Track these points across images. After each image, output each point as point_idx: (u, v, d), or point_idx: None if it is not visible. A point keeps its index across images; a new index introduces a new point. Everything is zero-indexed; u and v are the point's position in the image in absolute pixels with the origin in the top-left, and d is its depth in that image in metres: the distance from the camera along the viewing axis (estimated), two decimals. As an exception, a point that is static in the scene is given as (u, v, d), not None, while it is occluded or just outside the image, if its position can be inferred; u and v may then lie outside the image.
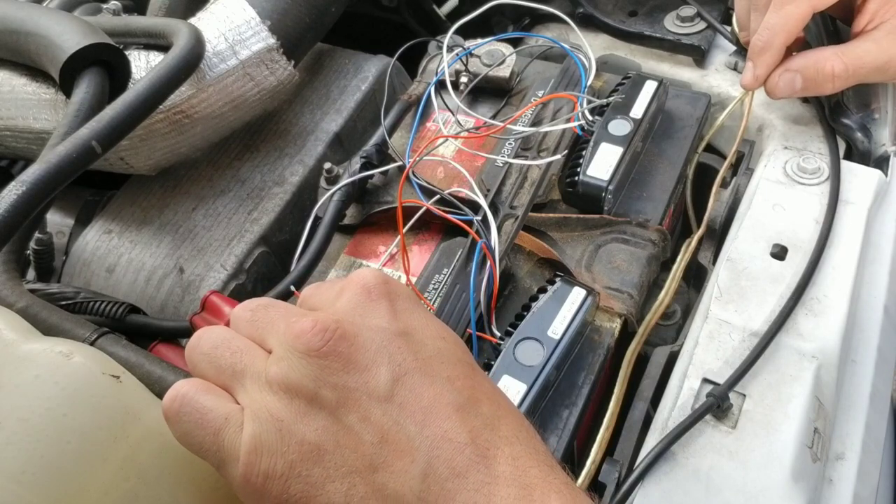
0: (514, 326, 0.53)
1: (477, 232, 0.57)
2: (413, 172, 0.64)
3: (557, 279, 0.55)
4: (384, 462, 0.35)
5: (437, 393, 0.36)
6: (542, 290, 0.55)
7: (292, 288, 0.57)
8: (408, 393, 0.36)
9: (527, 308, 0.54)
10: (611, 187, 0.61)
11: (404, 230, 0.62)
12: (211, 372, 0.39)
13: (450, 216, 0.59)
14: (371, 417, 0.36)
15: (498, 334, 0.54)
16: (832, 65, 0.62)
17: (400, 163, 0.66)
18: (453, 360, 0.38)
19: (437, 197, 0.61)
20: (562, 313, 0.53)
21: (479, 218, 0.58)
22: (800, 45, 0.66)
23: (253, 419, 0.36)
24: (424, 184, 0.63)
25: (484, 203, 0.58)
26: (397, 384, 0.36)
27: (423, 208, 0.61)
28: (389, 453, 0.35)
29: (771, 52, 0.63)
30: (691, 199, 0.72)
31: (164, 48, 0.62)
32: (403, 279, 0.62)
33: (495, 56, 0.72)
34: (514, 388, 0.50)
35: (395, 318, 0.38)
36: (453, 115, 0.69)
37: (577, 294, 0.54)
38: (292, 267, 0.60)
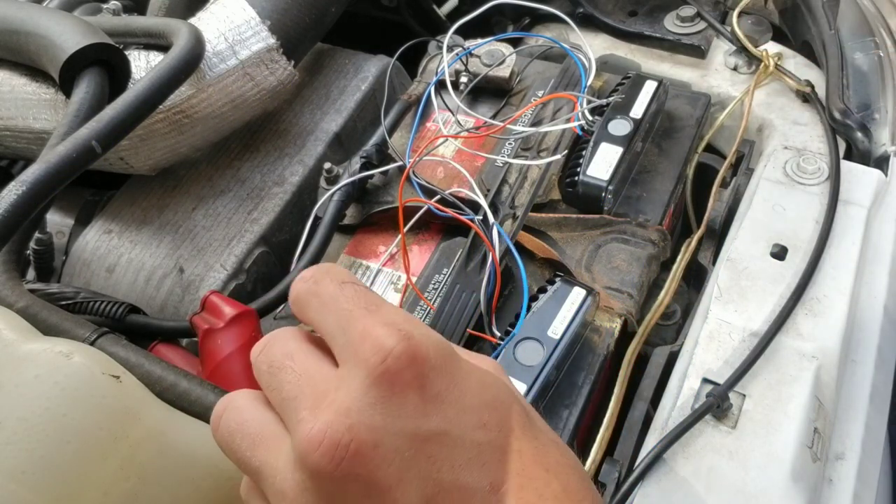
0: (514, 326, 0.53)
1: (483, 220, 0.57)
2: (413, 172, 0.64)
3: (557, 279, 0.55)
4: None
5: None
6: (542, 290, 0.55)
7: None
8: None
9: (527, 308, 0.54)
10: (611, 187, 0.61)
11: (405, 230, 0.62)
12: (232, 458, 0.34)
13: (453, 213, 0.59)
14: None
15: (498, 334, 0.54)
16: None
17: (400, 163, 0.66)
18: (497, 455, 0.31)
19: (438, 197, 0.61)
20: (562, 313, 0.53)
21: (480, 218, 0.58)
22: None
23: None
24: (425, 183, 0.63)
25: (484, 203, 0.58)
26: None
27: (424, 207, 0.61)
28: None
29: None
30: (691, 199, 0.72)
31: (164, 48, 0.62)
32: (403, 279, 0.62)
33: (495, 56, 0.72)
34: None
35: (426, 416, 0.30)
36: (453, 115, 0.69)
37: (577, 294, 0.54)
38: (292, 267, 0.60)
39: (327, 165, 0.67)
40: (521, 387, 0.50)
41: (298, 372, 0.32)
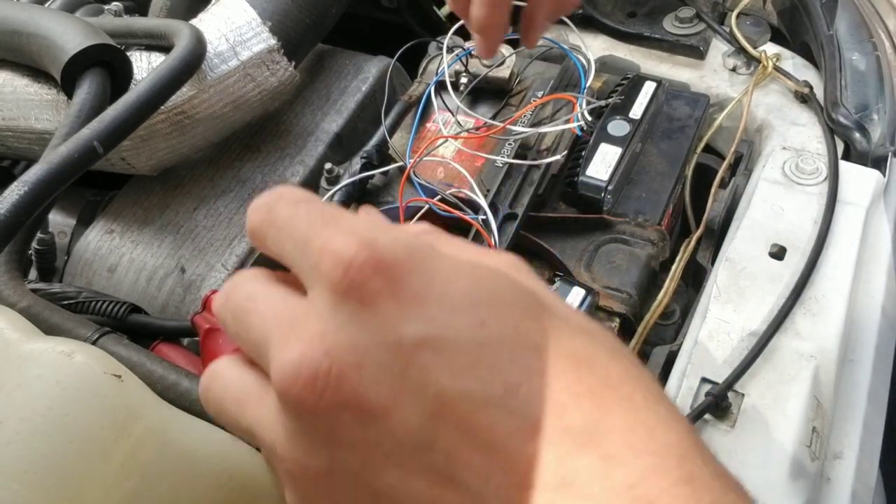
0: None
1: (483, 222, 0.57)
2: (414, 172, 0.64)
3: (557, 279, 0.55)
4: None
5: (490, 422, 0.25)
6: None
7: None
8: (450, 431, 0.25)
9: None
10: (610, 187, 0.61)
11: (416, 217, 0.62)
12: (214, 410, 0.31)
13: (455, 212, 0.59)
14: (413, 475, 0.26)
15: None
16: None
17: (401, 163, 0.66)
18: (506, 353, 0.26)
19: (438, 197, 0.62)
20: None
21: (482, 218, 0.58)
22: None
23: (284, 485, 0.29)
24: (425, 183, 0.63)
25: (484, 203, 0.59)
26: (434, 421, 0.25)
27: (426, 206, 0.61)
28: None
29: (496, 29, 0.59)
30: (690, 200, 0.72)
31: (165, 49, 0.62)
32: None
33: (495, 57, 0.72)
34: None
35: (407, 322, 0.26)
36: (453, 115, 0.70)
37: (577, 294, 0.54)
38: None
39: (328, 166, 0.67)
40: None
41: (263, 311, 0.28)
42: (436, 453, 0.25)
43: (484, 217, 0.58)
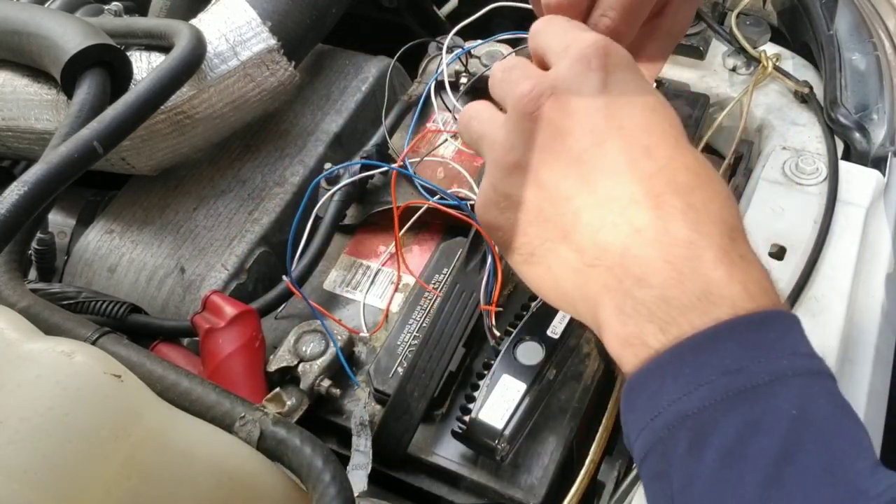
0: (514, 326, 0.53)
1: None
2: (414, 172, 0.64)
3: None
4: (574, 221, 0.38)
5: (632, 160, 0.37)
6: None
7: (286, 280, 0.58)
8: (603, 157, 0.38)
9: (525, 308, 0.54)
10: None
11: (404, 230, 0.62)
12: (465, 135, 0.45)
13: (454, 213, 0.59)
14: (569, 176, 0.38)
15: (498, 334, 0.54)
16: None
17: (398, 164, 0.66)
18: (657, 132, 0.39)
19: (438, 197, 0.62)
20: (560, 313, 0.53)
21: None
22: None
23: (484, 177, 0.42)
24: (426, 184, 0.63)
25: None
26: (598, 149, 0.38)
27: (424, 206, 0.61)
28: (580, 209, 0.38)
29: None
30: (690, 200, 0.72)
31: (165, 49, 0.62)
32: (404, 278, 0.62)
33: (495, 56, 0.72)
34: (513, 388, 0.50)
35: (606, 91, 0.39)
36: (453, 115, 0.70)
37: None
38: (292, 267, 0.60)
39: (328, 165, 0.67)
40: (521, 386, 0.50)
41: (521, 69, 0.42)
42: (585, 167, 0.38)
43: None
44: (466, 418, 0.49)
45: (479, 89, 0.72)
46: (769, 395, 0.33)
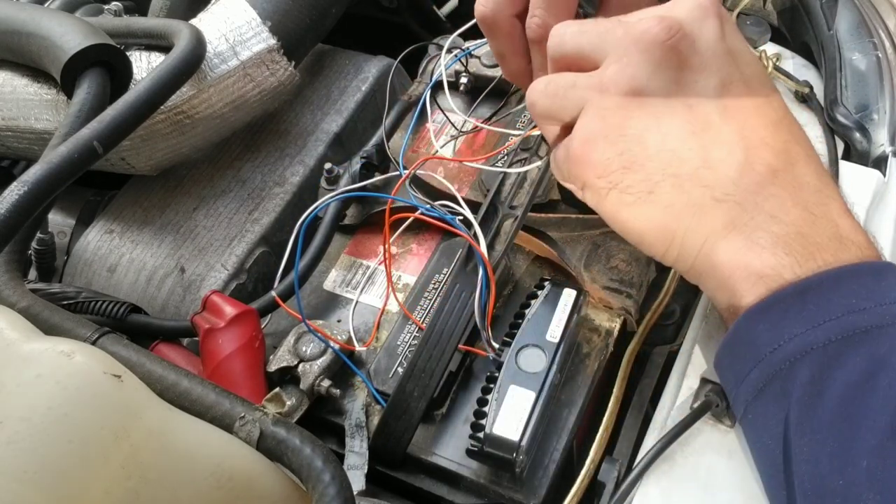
0: (511, 336, 0.52)
1: (474, 236, 0.56)
2: (409, 183, 0.63)
3: (546, 283, 0.55)
4: (703, 156, 0.38)
5: (758, 105, 0.39)
6: (533, 296, 0.54)
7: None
8: (733, 100, 0.39)
9: (520, 316, 0.53)
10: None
11: (397, 233, 0.62)
12: (547, 103, 0.44)
13: (441, 222, 0.58)
14: (695, 110, 0.39)
15: (496, 346, 0.53)
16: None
17: (398, 171, 0.65)
18: (770, 85, 0.41)
19: (428, 207, 0.60)
20: (557, 316, 0.53)
21: (479, 220, 0.58)
22: None
23: (584, 116, 0.41)
24: (420, 196, 0.63)
25: (469, 214, 0.57)
26: (724, 90, 0.39)
27: (411, 218, 0.61)
28: (708, 144, 0.38)
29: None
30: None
31: (165, 49, 0.62)
32: (404, 278, 0.62)
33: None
34: (523, 398, 0.49)
35: (725, 37, 0.40)
36: (454, 115, 0.70)
37: (569, 295, 0.54)
38: (278, 280, 0.59)
39: (328, 166, 0.67)
40: (530, 395, 0.49)
41: (613, 21, 0.42)
42: (716, 104, 0.39)
43: (480, 218, 0.58)
44: (480, 434, 0.48)
45: (479, 89, 0.72)
46: (894, 335, 0.34)
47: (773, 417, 0.36)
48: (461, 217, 0.58)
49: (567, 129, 0.44)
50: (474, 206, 0.60)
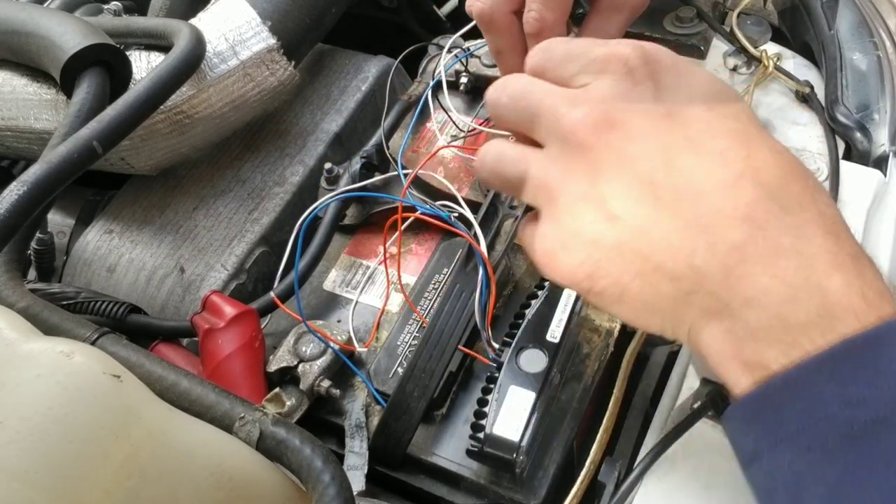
0: (511, 336, 0.52)
1: (474, 236, 0.56)
2: (411, 186, 0.63)
3: (546, 283, 0.55)
4: (664, 247, 0.35)
5: (707, 171, 0.35)
6: (533, 297, 0.54)
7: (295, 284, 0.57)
8: (678, 176, 0.35)
9: (520, 316, 0.53)
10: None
11: (394, 237, 0.62)
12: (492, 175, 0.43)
13: (443, 222, 0.58)
14: (643, 203, 0.36)
15: (497, 346, 0.53)
16: None
17: (396, 172, 0.65)
18: (724, 132, 0.36)
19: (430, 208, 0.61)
20: (557, 316, 0.53)
21: (479, 220, 0.58)
22: None
23: (541, 222, 0.40)
24: (423, 197, 0.63)
25: (470, 215, 0.57)
26: (668, 168, 0.36)
27: (412, 218, 0.60)
28: (669, 234, 0.35)
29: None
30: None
31: (164, 49, 0.62)
32: (404, 278, 0.62)
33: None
34: (523, 398, 0.49)
35: (660, 100, 0.37)
36: (453, 115, 0.69)
37: (569, 295, 0.54)
38: (278, 281, 0.59)
39: (328, 165, 0.67)
40: (530, 395, 0.49)
41: (543, 90, 0.40)
42: (662, 189, 0.36)
43: (481, 217, 0.58)
44: (480, 435, 0.48)
45: (479, 89, 0.72)
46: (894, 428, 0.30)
47: None
48: (458, 215, 0.58)
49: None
50: (474, 206, 0.60)
